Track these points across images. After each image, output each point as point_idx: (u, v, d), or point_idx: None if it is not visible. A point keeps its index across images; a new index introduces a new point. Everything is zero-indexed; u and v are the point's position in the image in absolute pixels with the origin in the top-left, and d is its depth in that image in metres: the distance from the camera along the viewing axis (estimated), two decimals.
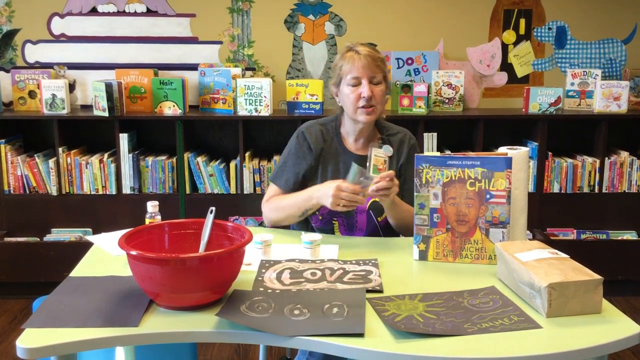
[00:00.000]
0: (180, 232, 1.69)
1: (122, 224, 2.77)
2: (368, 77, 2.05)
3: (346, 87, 2.08)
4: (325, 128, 2.21)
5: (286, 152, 2.21)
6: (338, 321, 1.41)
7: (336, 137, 2.19)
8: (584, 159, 3.51)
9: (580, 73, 3.57)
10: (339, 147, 2.18)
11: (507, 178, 1.75)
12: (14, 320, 3.21)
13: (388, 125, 2.25)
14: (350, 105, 2.08)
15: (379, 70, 2.07)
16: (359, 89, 2.05)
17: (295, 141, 2.20)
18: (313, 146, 2.16)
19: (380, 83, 2.08)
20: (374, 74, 2.06)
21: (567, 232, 3.58)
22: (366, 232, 2.15)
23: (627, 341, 1.36)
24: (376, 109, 2.08)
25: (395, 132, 2.23)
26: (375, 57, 2.07)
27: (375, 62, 2.06)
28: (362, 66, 2.05)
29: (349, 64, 2.07)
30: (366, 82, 2.05)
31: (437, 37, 3.67)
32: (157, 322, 1.43)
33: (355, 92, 2.06)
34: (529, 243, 1.66)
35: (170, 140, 3.51)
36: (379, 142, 2.17)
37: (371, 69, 2.05)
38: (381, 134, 2.21)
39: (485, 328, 1.38)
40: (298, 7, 3.64)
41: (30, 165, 3.45)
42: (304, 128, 2.21)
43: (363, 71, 2.05)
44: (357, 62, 2.05)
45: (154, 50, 3.67)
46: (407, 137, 2.23)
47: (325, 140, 2.18)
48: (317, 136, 2.18)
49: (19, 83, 3.58)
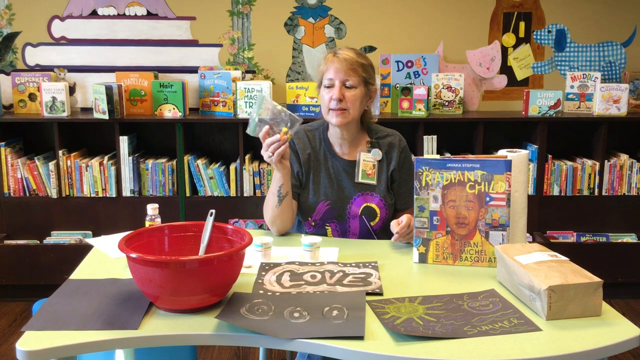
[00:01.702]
0: (180, 234, 1.69)
1: (122, 227, 2.79)
2: (341, 79, 2.05)
3: (322, 88, 2.10)
4: (312, 133, 2.21)
5: None
6: (338, 324, 1.41)
7: (324, 142, 2.19)
8: (584, 162, 3.51)
9: (580, 76, 3.58)
10: (327, 152, 2.18)
11: (506, 181, 1.75)
12: (14, 323, 3.21)
13: (377, 128, 2.24)
14: (324, 107, 2.11)
15: (354, 74, 2.05)
16: (332, 91, 2.06)
17: None
18: (300, 152, 2.17)
19: (355, 87, 2.06)
20: (348, 77, 2.05)
21: (566, 234, 3.58)
22: (359, 237, 2.15)
23: (627, 344, 1.36)
24: (348, 113, 2.07)
25: (385, 135, 2.21)
26: (354, 61, 2.05)
27: (351, 66, 2.05)
28: (336, 69, 2.05)
29: (326, 65, 2.08)
30: (339, 84, 2.05)
31: (437, 40, 3.68)
32: (157, 324, 1.43)
33: (328, 94, 2.07)
34: (528, 246, 1.66)
35: (171, 142, 3.52)
36: (368, 145, 2.17)
37: (345, 72, 2.04)
38: (370, 137, 2.20)
39: (485, 331, 1.38)
40: (298, 10, 3.64)
41: (30, 168, 3.45)
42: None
43: (336, 74, 2.05)
44: (333, 65, 2.06)
45: (154, 53, 3.67)
46: (397, 140, 2.21)
47: (313, 145, 2.19)
48: (304, 142, 2.18)
49: (19, 86, 3.59)
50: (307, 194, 2.15)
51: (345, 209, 2.13)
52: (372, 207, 2.12)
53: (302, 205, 2.17)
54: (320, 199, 2.13)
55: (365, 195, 2.13)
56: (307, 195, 2.15)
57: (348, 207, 2.13)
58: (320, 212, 2.13)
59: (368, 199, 2.13)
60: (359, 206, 2.12)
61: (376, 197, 2.13)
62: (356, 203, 2.13)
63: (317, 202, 2.13)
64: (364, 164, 2.14)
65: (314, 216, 2.14)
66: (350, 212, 2.13)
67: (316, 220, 2.15)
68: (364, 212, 2.12)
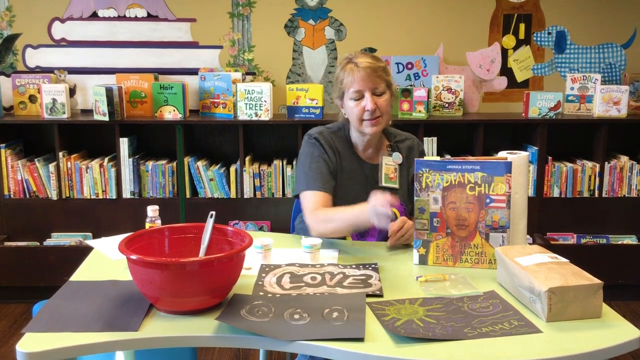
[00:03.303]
0: (180, 236, 1.69)
1: (122, 229, 2.78)
2: (370, 89, 2.02)
3: (349, 100, 2.05)
4: (336, 135, 2.16)
5: (307, 159, 2.11)
6: (338, 326, 1.41)
7: (347, 144, 2.16)
8: (584, 164, 3.51)
9: (580, 78, 3.58)
10: (352, 155, 2.15)
11: (507, 182, 1.75)
12: (14, 325, 3.21)
13: (395, 132, 2.23)
14: (356, 119, 2.05)
15: (380, 80, 2.03)
16: (363, 102, 2.02)
17: (311, 147, 2.12)
18: (329, 151, 2.11)
19: (384, 93, 2.05)
20: (376, 85, 2.02)
21: (567, 236, 3.58)
22: (378, 237, 2.12)
23: (627, 346, 1.36)
24: (382, 119, 2.05)
25: (404, 139, 2.21)
26: (376, 66, 2.03)
27: (376, 73, 2.02)
28: (362, 79, 2.01)
29: (350, 77, 2.03)
30: (369, 94, 2.02)
31: (437, 42, 3.68)
32: (157, 326, 1.43)
33: (359, 105, 2.03)
34: (529, 247, 1.66)
35: (171, 144, 3.52)
36: (388, 149, 2.16)
37: (372, 81, 2.01)
38: (389, 141, 2.19)
39: (486, 332, 1.38)
40: (298, 12, 3.65)
41: (30, 170, 3.45)
42: (316, 134, 2.14)
43: (364, 84, 2.01)
44: (357, 75, 2.01)
45: (155, 54, 3.67)
46: (416, 144, 2.21)
47: (339, 149, 2.14)
48: (328, 143, 2.13)
49: (20, 88, 3.59)
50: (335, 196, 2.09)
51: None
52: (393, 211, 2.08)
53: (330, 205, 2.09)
54: (344, 200, 2.06)
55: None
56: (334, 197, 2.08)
57: None
58: None
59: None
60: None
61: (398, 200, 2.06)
62: None
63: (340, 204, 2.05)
64: (386, 167, 2.11)
65: None
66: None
67: None
68: None
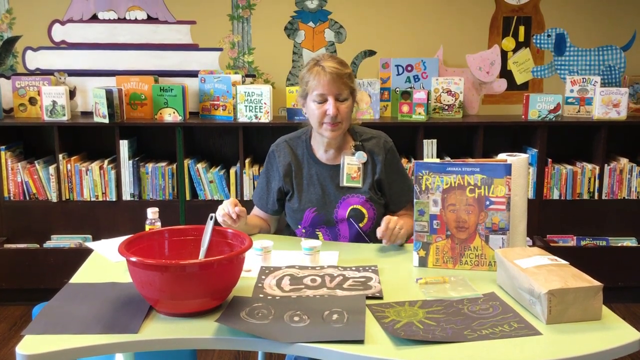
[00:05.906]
0: (180, 238, 1.69)
1: (122, 231, 2.78)
2: (334, 94, 2.04)
3: (312, 102, 2.07)
4: (293, 142, 2.22)
5: (262, 172, 2.27)
6: (338, 328, 1.41)
7: (306, 149, 2.19)
8: (584, 166, 3.51)
9: (580, 80, 3.58)
10: (309, 159, 2.18)
11: (506, 185, 1.75)
12: (14, 327, 3.21)
13: (362, 130, 2.23)
14: (316, 121, 2.08)
15: (345, 86, 2.05)
16: (325, 106, 2.04)
17: (266, 161, 2.25)
18: (281, 164, 2.18)
19: (347, 99, 2.07)
20: (340, 91, 2.04)
21: (566, 238, 3.58)
22: (350, 240, 2.15)
23: (627, 348, 1.36)
24: (342, 125, 2.08)
25: (369, 137, 2.20)
26: (341, 73, 2.04)
27: (342, 79, 2.03)
28: (327, 83, 2.02)
29: (315, 80, 2.04)
30: (332, 99, 2.03)
31: (437, 44, 3.68)
32: (156, 328, 1.43)
33: (320, 108, 2.05)
34: (528, 249, 1.66)
35: (171, 146, 3.52)
36: (352, 149, 2.17)
37: (337, 86, 2.03)
38: (354, 140, 2.20)
39: (485, 335, 1.38)
40: (298, 14, 3.65)
41: (30, 172, 3.45)
42: (274, 146, 2.24)
43: (328, 89, 2.03)
44: (323, 79, 2.02)
45: (155, 57, 3.67)
46: (382, 142, 2.20)
47: (295, 154, 2.19)
48: (284, 153, 2.19)
49: (20, 90, 3.59)
50: (294, 203, 2.17)
51: (332, 214, 2.13)
52: (358, 209, 2.12)
53: (290, 214, 2.19)
54: (306, 206, 2.14)
55: (350, 198, 2.13)
56: (293, 203, 2.17)
57: (335, 211, 2.13)
58: (307, 219, 2.14)
59: (353, 201, 2.12)
60: (346, 209, 2.12)
61: (361, 198, 2.12)
62: (342, 207, 2.13)
63: (304, 210, 2.14)
64: (348, 167, 2.13)
65: (302, 223, 2.15)
66: (337, 216, 2.13)
67: (306, 227, 2.16)
68: (351, 214, 2.12)
